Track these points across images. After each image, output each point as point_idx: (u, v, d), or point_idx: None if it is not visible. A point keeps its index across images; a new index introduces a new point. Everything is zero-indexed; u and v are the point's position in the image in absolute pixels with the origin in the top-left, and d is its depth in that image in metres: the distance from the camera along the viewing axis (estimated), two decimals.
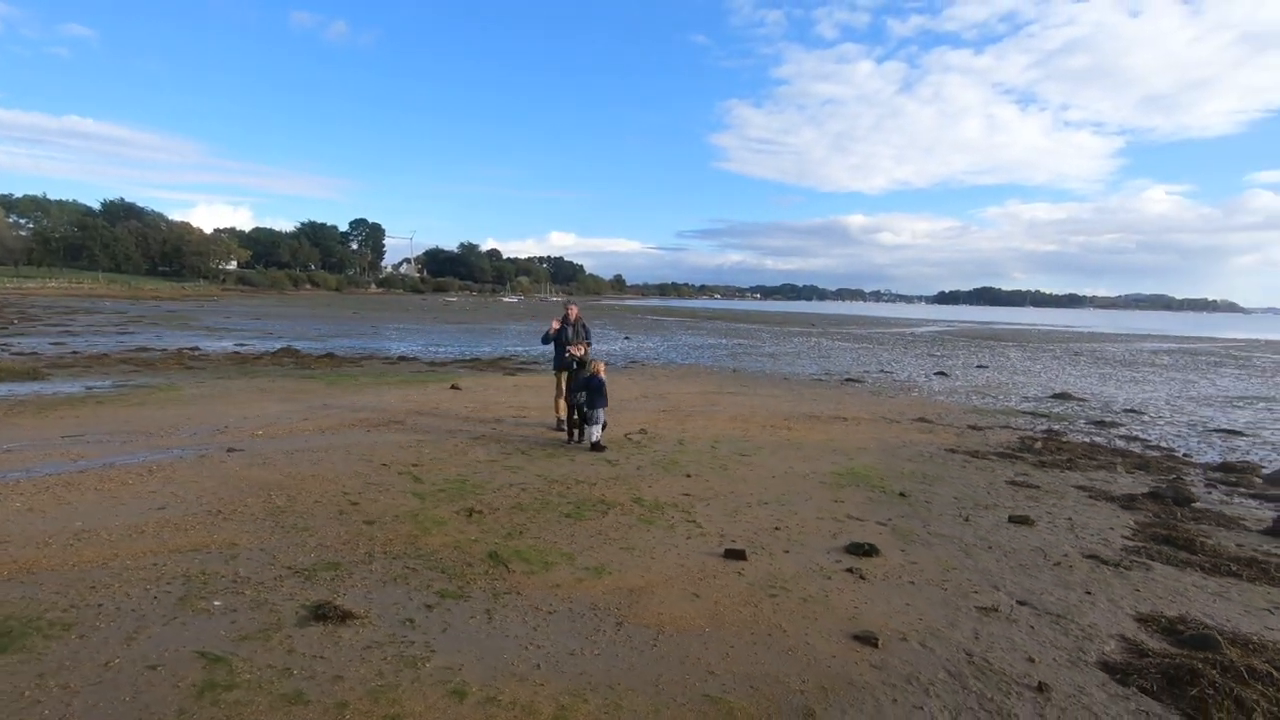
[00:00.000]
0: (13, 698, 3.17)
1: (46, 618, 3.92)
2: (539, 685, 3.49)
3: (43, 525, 5.41)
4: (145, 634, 3.81)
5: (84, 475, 6.84)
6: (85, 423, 9.49)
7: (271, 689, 3.34)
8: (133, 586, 4.40)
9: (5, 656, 3.50)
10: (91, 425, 9.34)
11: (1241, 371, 28.19)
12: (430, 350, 26.00)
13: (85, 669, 3.44)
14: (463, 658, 3.72)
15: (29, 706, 3.12)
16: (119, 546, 5.04)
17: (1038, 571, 5.48)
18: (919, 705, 3.49)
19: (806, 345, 36.45)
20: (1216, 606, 4.95)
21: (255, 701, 3.23)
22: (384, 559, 5.05)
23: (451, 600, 4.42)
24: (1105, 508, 7.54)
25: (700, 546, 5.65)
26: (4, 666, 3.42)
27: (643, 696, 3.43)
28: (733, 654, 3.91)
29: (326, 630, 3.94)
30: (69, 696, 3.21)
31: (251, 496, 6.39)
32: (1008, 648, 4.16)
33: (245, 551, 5.07)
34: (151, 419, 9.93)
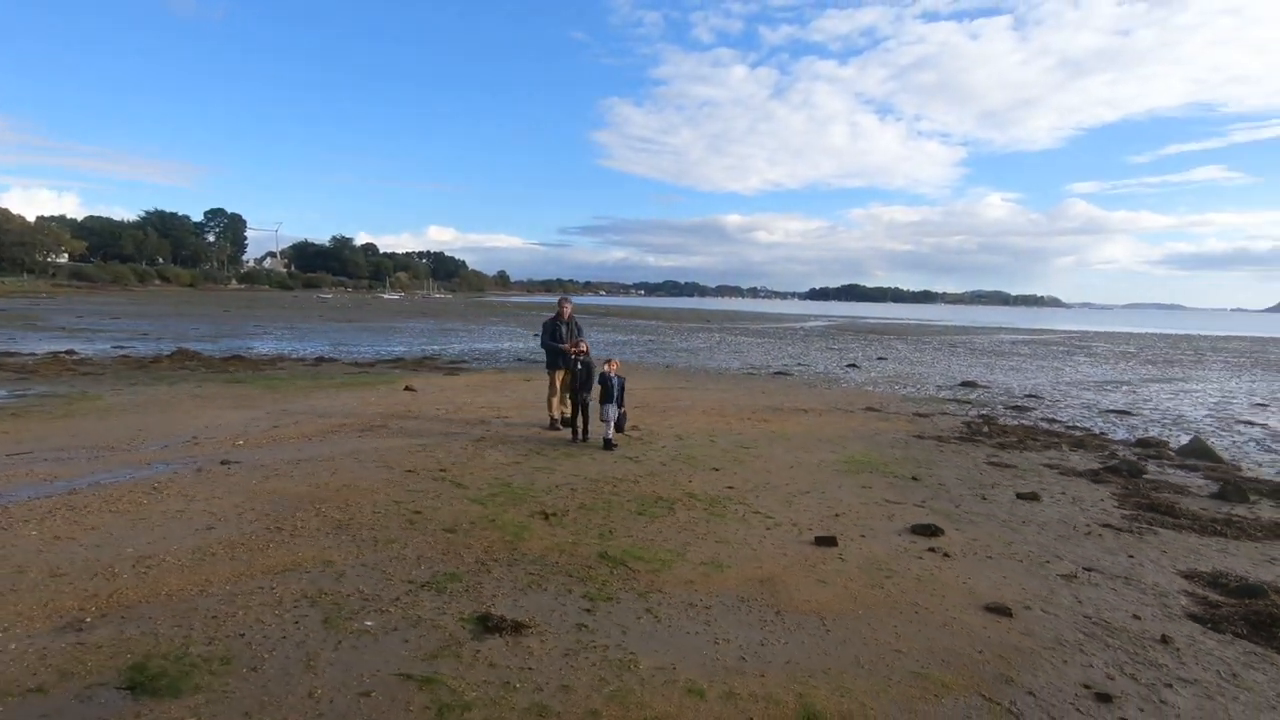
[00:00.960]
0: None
1: (194, 654, 3.53)
2: (760, 677, 3.58)
3: (88, 554, 4.79)
4: (323, 660, 3.53)
5: (80, 497, 6.06)
6: (19, 439, 8.32)
7: (510, 704, 3.22)
8: (259, 612, 4.02)
9: (190, 698, 3.14)
10: (29, 441, 8.21)
11: (1090, 359, 31.96)
12: (343, 351, 24.57)
13: (293, 702, 3.16)
14: (666, 657, 3.73)
15: None
16: (200, 572, 4.56)
17: (1077, 541, 6.14)
18: (1086, 663, 3.89)
19: (712, 341, 37.52)
20: (1231, 561, 5.78)
21: (505, 719, 3.11)
22: (500, 567, 4.89)
23: (604, 603, 4.38)
24: (1080, 482, 8.48)
25: (785, 536, 5.87)
26: (197, 708, 3.08)
27: (859, 678, 3.61)
28: (900, 633, 4.16)
29: (508, 641, 3.81)
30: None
31: (300, 511, 5.93)
32: (1111, 608, 4.69)
33: (349, 568, 4.74)
34: (97, 432, 8.86)
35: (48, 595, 4.14)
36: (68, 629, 3.76)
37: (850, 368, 24.46)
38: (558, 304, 10.63)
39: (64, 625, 3.80)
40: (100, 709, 3.06)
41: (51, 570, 4.49)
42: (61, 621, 3.84)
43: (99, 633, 3.72)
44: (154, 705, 3.09)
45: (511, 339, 34.07)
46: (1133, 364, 29.88)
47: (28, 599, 4.07)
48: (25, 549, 4.84)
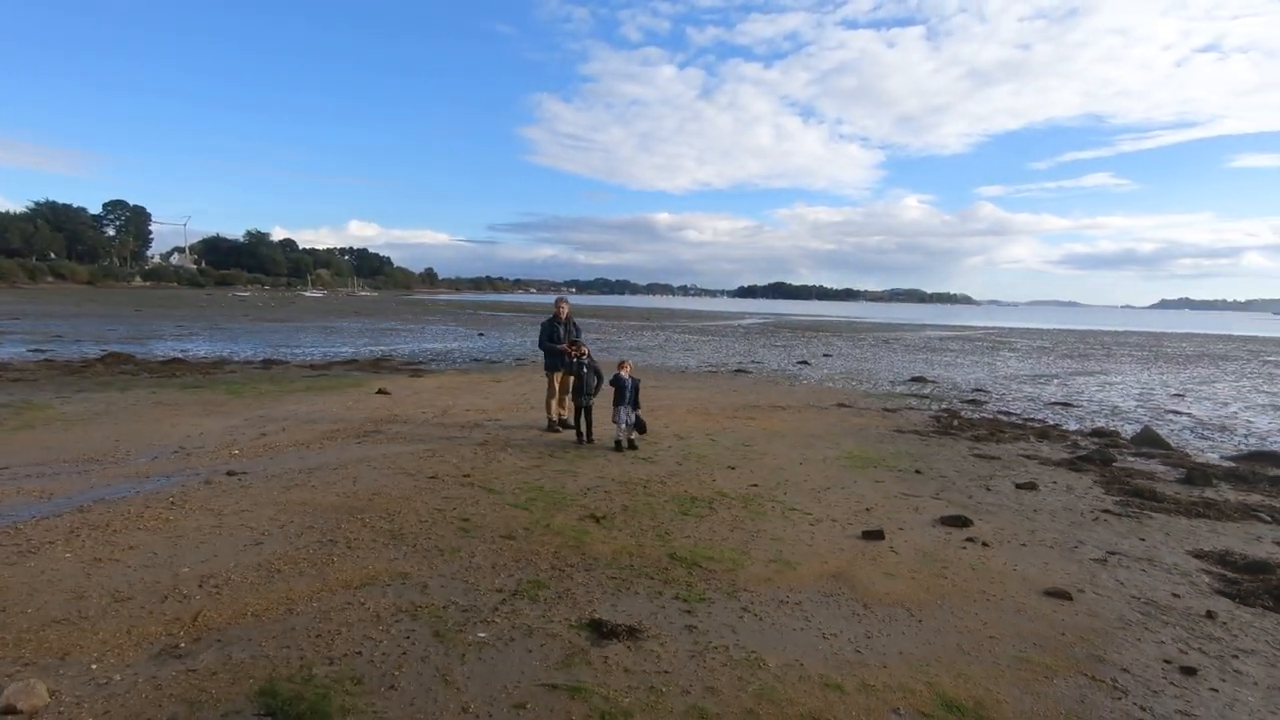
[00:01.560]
0: None
1: (320, 675, 3.40)
2: (883, 669, 3.73)
3: (142, 575, 4.50)
4: (458, 674, 3.46)
5: (95, 515, 5.66)
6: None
7: (666, 708, 3.25)
8: (362, 629, 3.90)
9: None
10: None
11: (1015, 354, 33.94)
12: (286, 352, 23.51)
13: (449, 719, 3.10)
14: (787, 654, 3.84)
15: None
16: (275, 589, 4.37)
17: (1089, 527, 6.60)
18: (1157, 640, 4.23)
19: (660, 339, 37.80)
20: (1225, 541, 6.34)
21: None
22: (578, 572, 4.88)
23: (699, 604, 4.44)
24: (1062, 471, 9.07)
25: (830, 531, 6.08)
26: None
27: (972, 665, 3.81)
28: (985, 620, 4.41)
29: (629, 646, 3.83)
30: None
31: (344, 522, 5.73)
32: (1150, 588, 5.09)
33: (428, 580, 4.63)
34: (70, 444, 8.25)
35: (125, 621, 3.88)
36: (165, 655, 3.54)
37: (802, 364, 25.14)
38: (555, 305, 10.56)
39: (159, 652, 3.58)
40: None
41: (113, 594, 4.20)
42: (154, 648, 3.61)
43: (203, 658, 3.53)
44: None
45: (457, 339, 33.37)
46: (1053, 358, 31.88)
47: (105, 626, 3.81)
48: (69, 572, 4.50)
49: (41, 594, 4.18)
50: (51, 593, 4.20)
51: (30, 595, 4.16)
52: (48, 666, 3.39)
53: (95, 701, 3.10)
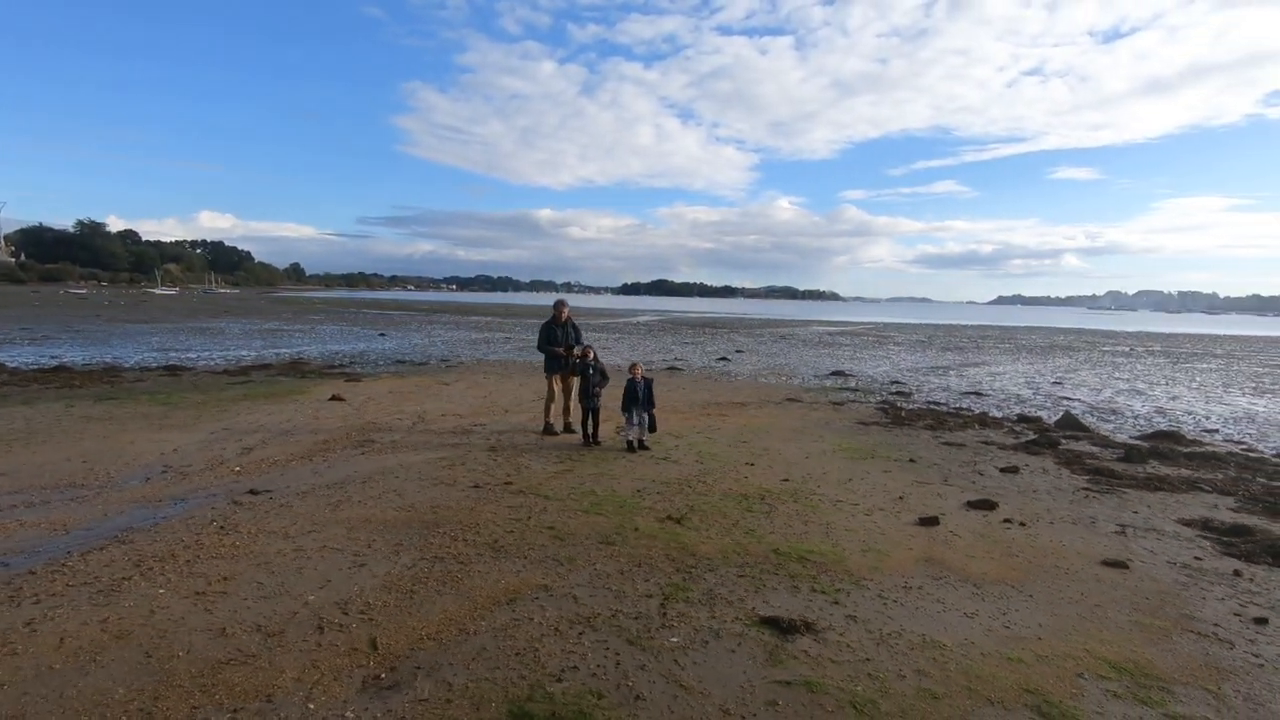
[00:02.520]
0: None
1: (559, 692, 3.36)
2: (1039, 641, 4.16)
3: (268, 606, 4.17)
4: (689, 679, 3.53)
5: (139, 547, 5.13)
6: None
7: (899, 693, 3.49)
8: (555, 642, 3.85)
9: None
10: None
11: (902, 348, 36.74)
12: (177, 357, 21.45)
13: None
14: (952, 634, 4.19)
15: None
16: (428, 610, 4.19)
17: (1086, 504, 7.47)
18: (1217, 597, 4.96)
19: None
20: (1194, 509, 7.39)
21: (916, 707, 3.39)
22: (705, 572, 5.01)
23: (838, 594, 4.71)
24: (1023, 455, 10.11)
25: (888, 519, 6.53)
26: None
27: (1103, 631, 4.33)
28: (1082, 591, 4.97)
29: (817, 639, 4.04)
30: None
31: (431, 537, 5.52)
32: (1175, 554, 5.89)
33: (573, 590, 4.60)
34: (24, 469, 7.33)
35: (299, 656, 3.61)
36: (375, 687, 3.37)
37: (723, 360, 26.01)
38: (554, 306, 10.43)
39: (364, 685, 3.39)
40: None
41: (258, 628, 3.88)
42: (355, 681, 3.41)
43: (421, 687, 3.38)
44: None
45: (359, 339, 31.66)
46: (935, 351, 34.82)
47: (284, 663, 3.54)
48: (183, 609, 4.09)
49: (176, 634, 3.79)
50: (186, 633, 3.81)
51: (164, 637, 3.76)
52: (260, 711, 3.13)
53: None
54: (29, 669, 3.38)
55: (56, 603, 4.13)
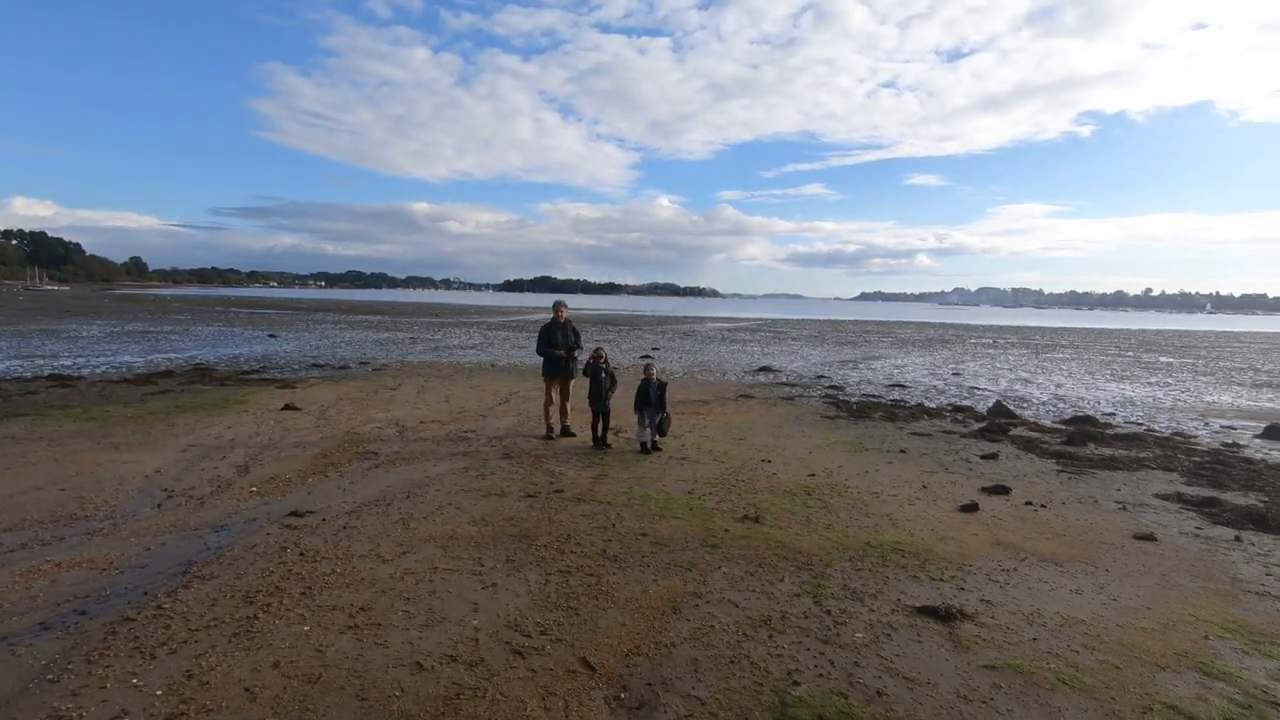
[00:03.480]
0: None
1: (804, 695, 3.44)
2: (1150, 610, 4.69)
3: (437, 635, 3.95)
4: (915, 672, 3.72)
5: (229, 581, 4.67)
6: None
7: (1083, 665, 3.86)
8: (753, 648, 3.92)
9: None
10: None
11: (803, 343, 38.72)
12: (45, 365, 19.00)
13: (971, 709, 3.40)
14: (1082, 612, 4.63)
15: None
16: (609, 625, 4.12)
17: (1075, 485, 8.35)
18: (1243, 560, 5.76)
19: (478, 337, 36.70)
20: (1156, 485, 8.44)
21: (1110, 678, 3.77)
22: (821, 567, 5.21)
23: (954, 581, 5.07)
24: (984, 443, 11.06)
25: (934, 509, 7.02)
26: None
27: (1189, 598, 4.93)
28: (1138, 564, 5.61)
29: (977, 624, 4.34)
30: None
31: (537, 551, 5.37)
32: (1179, 525, 6.75)
33: (721, 594, 4.66)
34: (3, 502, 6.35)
35: (524, 684, 3.46)
36: (623, 708, 3.31)
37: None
38: (553, 308, 10.23)
39: (611, 707, 3.32)
40: None
41: (454, 659, 3.67)
42: (594, 703, 3.34)
43: (669, 704, 3.36)
44: None
45: (250, 341, 29.26)
46: (832, 345, 36.98)
47: (514, 690, 3.38)
48: (348, 645, 3.78)
49: (370, 673, 3.51)
50: (379, 670, 3.54)
51: (359, 677, 3.48)
52: None
53: None
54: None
55: (198, 650, 3.69)
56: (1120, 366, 28.44)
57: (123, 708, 3.17)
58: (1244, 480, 8.77)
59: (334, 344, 28.77)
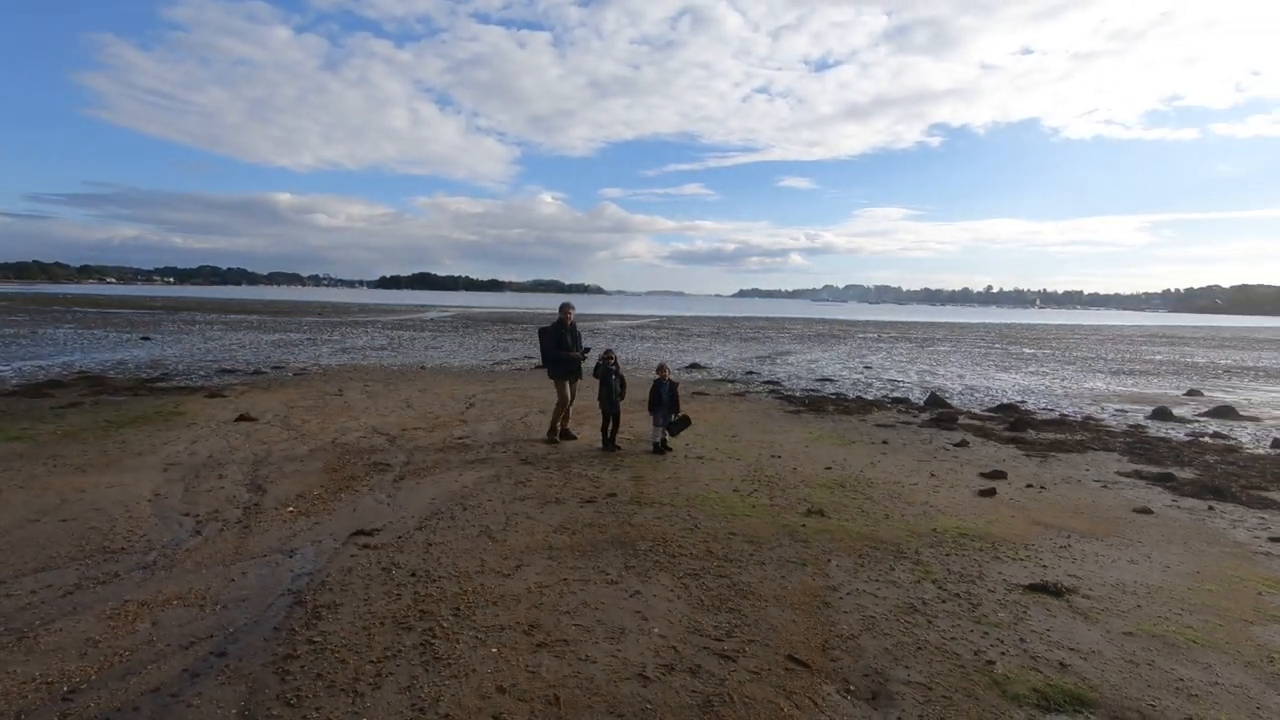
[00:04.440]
0: None
1: (1011, 669, 3.75)
2: (1199, 574, 5.39)
3: (638, 650, 3.92)
4: (1073, 639, 4.12)
5: (368, 609, 4.38)
6: None
7: (1184, 623, 4.43)
8: (925, 633, 4.19)
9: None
10: None
11: (710, 339, 39.86)
12: None
13: (1161, 679, 3.84)
14: (1152, 580, 5.25)
15: None
16: (799, 628, 4.26)
17: (1050, 468, 9.29)
18: (1230, 526, 6.70)
19: (377, 338, 34.95)
20: (1114, 465, 9.57)
21: (1230, 632, 4.35)
22: (917, 555, 5.58)
23: (1029, 559, 5.59)
24: (941, 431, 12.02)
25: (958, 494, 7.62)
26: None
27: (1220, 560, 5.71)
28: (1157, 534, 6.40)
29: (1085, 599, 4.84)
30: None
31: (652, 556, 5.39)
32: (1159, 499, 7.70)
33: (853, 587, 4.91)
34: (24, 535, 5.56)
35: (753, 685, 3.53)
36: (860, 699, 3.47)
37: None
38: (560, 310, 10.07)
39: (848, 698, 3.48)
40: None
41: (672, 667, 3.67)
42: (833, 696, 3.48)
43: (897, 692, 3.55)
44: None
45: (119, 346, 26.38)
46: (738, 342, 38.26)
47: (757, 691, 3.45)
48: (562, 667, 3.69)
49: (598, 689, 3.45)
50: (601, 687, 3.49)
51: (588, 694, 3.41)
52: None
53: None
54: None
55: (401, 682, 3.46)
56: (998, 358, 31.43)
57: None
58: (1173, 457, 10.12)
59: (225, 347, 26.56)
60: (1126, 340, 49.78)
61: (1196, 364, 30.30)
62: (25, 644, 3.80)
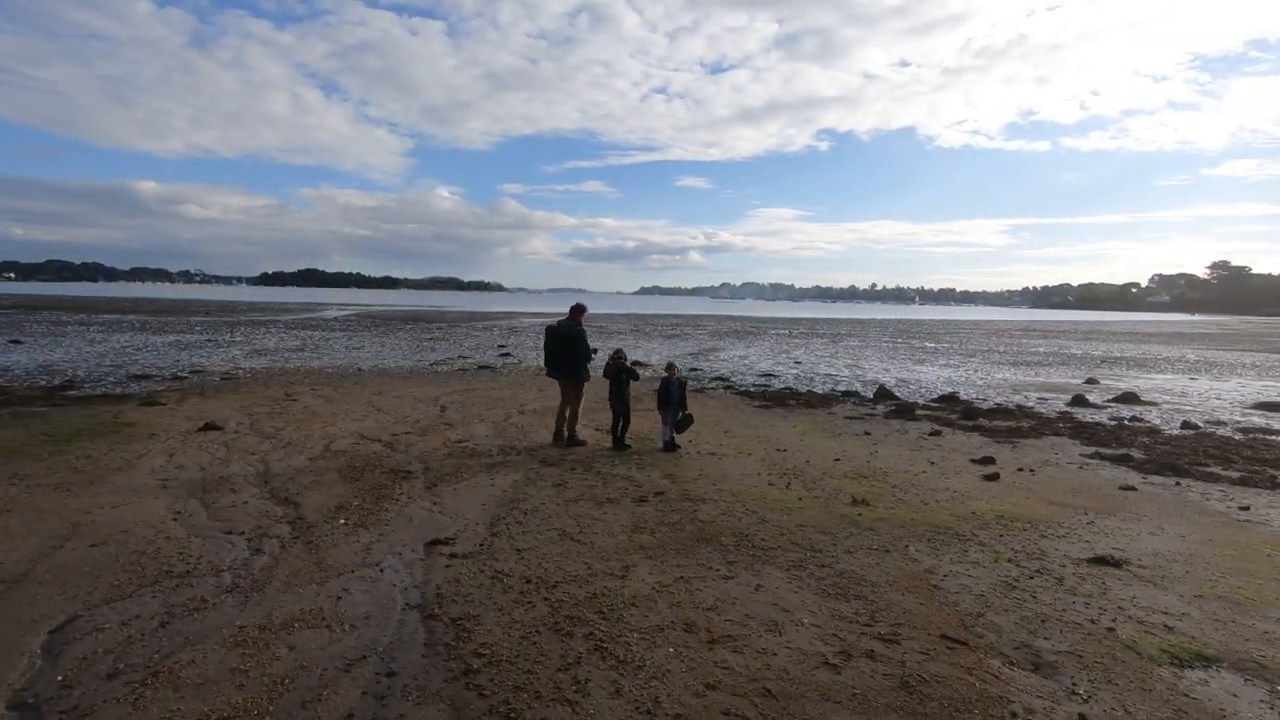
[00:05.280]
0: None
1: (1123, 632, 4.18)
2: (1213, 540, 6.10)
3: (822, 637, 4.07)
4: (1157, 607, 4.61)
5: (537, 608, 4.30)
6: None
7: (1257, 586, 5.07)
8: (1046, 605, 4.58)
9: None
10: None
11: (631, 336, 40.23)
12: None
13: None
14: (1183, 549, 5.91)
15: None
16: (929, 619, 4.52)
17: (1022, 452, 10.13)
18: (1205, 498, 7.60)
19: (288, 338, 32.99)
20: (1075, 448, 10.56)
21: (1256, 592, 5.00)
22: (978, 537, 6.02)
23: (1070, 536, 6.16)
24: (905, 421, 12.83)
25: (967, 480, 8.21)
26: None
27: (1217, 528, 6.49)
28: (1154, 507, 7.17)
29: (1142, 567, 5.41)
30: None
31: (744, 551, 5.53)
32: (1131, 478, 8.59)
33: (947, 568, 5.25)
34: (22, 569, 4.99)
35: (944, 665, 3.77)
36: (1026, 669, 3.79)
37: (505, 356, 25.87)
38: (573, 311, 9.94)
39: (1014, 667, 3.78)
40: None
41: (870, 654, 3.84)
42: (1000, 664, 3.78)
43: (1060, 665, 3.89)
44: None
45: (9, 350, 23.68)
46: (660, 339, 38.78)
47: (943, 670, 3.68)
48: (747, 661, 3.77)
49: (796, 678, 3.57)
50: (799, 676, 3.61)
51: (792, 684, 3.52)
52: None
53: None
54: None
55: (602, 691, 3.45)
56: (907, 351, 33.50)
57: None
58: (1114, 440, 11.29)
59: (118, 350, 24.35)
60: (1007, 334, 54.22)
61: (1075, 355, 33.51)
62: (166, 680, 3.47)
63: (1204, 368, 27.27)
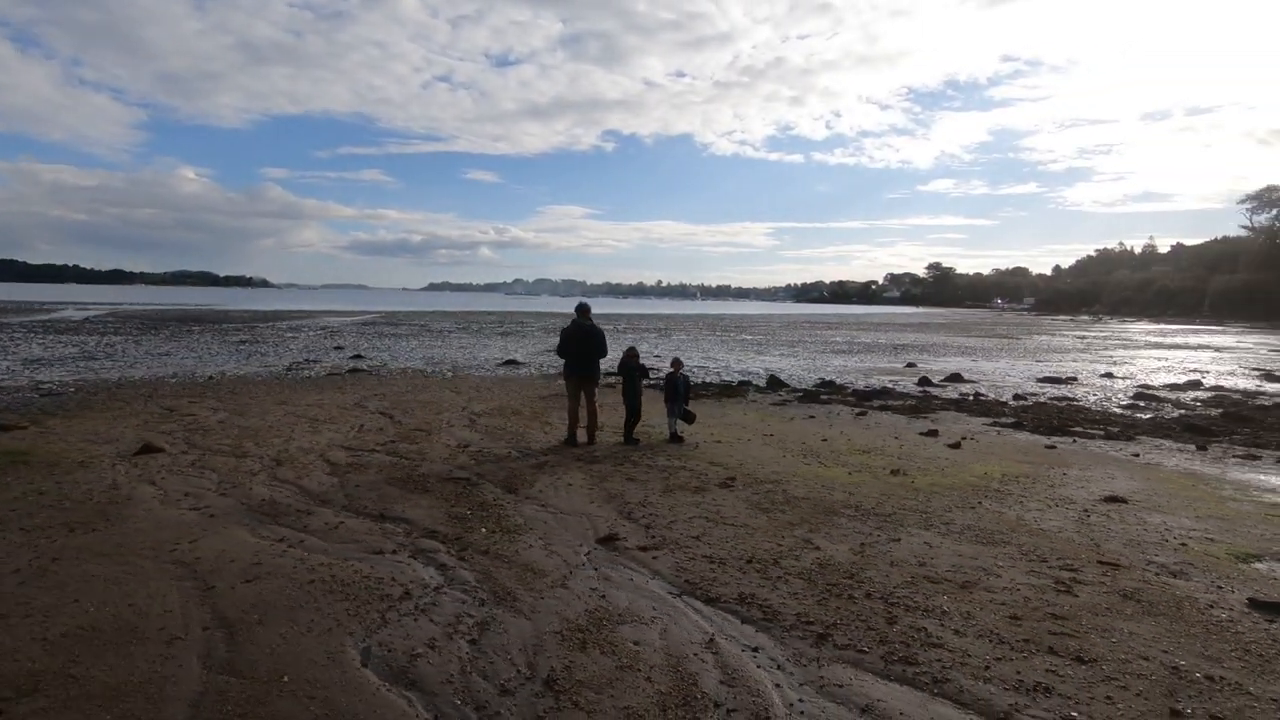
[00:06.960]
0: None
1: (1196, 551, 5.67)
2: (1166, 482, 8.10)
3: (1006, 607, 4.99)
4: (1191, 536, 6.22)
5: None
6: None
7: (1242, 534, 6.93)
8: (1146, 543, 5.96)
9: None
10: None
11: (470, 335, 39.05)
12: None
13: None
14: (1157, 489, 7.79)
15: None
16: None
17: (944, 424, 12.09)
18: (1125, 458, 9.88)
19: (58, 345, 27.65)
20: (967, 420, 12.80)
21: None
22: (1000, 490, 7.41)
23: (1069, 484, 7.81)
24: (828, 406, 14.55)
25: (939, 449, 9.75)
26: None
27: (1175, 480, 8.57)
28: (1086, 458, 9.21)
29: (1147, 505, 7.10)
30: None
31: (869, 518, 6.34)
32: (1044, 440, 10.81)
33: (1021, 516, 6.51)
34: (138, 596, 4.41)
35: (1170, 591, 4.89)
36: (1129, 610, 5.08)
37: (356, 358, 24.06)
38: (578, 312, 9.94)
39: (1119, 609, 5.05)
40: None
41: (1068, 586, 4.82)
42: (1121, 615, 5.03)
43: (1195, 577, 5.22)
44: None
45: None
46: (497, 337, 38.26)
47: (1178, 591, 4.80)
48: (965, 609, 4.60)
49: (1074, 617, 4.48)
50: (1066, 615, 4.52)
51: (1059, 618, 4.43)
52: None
53: None
54: None
55: None
56: (740, 344, 36.26)
57: None
58: (986, 410, 13.83)
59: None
60: (799, 326, 60.53)
61: (868, 343, 38.54)
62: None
63: (969, 352, 32.89)
